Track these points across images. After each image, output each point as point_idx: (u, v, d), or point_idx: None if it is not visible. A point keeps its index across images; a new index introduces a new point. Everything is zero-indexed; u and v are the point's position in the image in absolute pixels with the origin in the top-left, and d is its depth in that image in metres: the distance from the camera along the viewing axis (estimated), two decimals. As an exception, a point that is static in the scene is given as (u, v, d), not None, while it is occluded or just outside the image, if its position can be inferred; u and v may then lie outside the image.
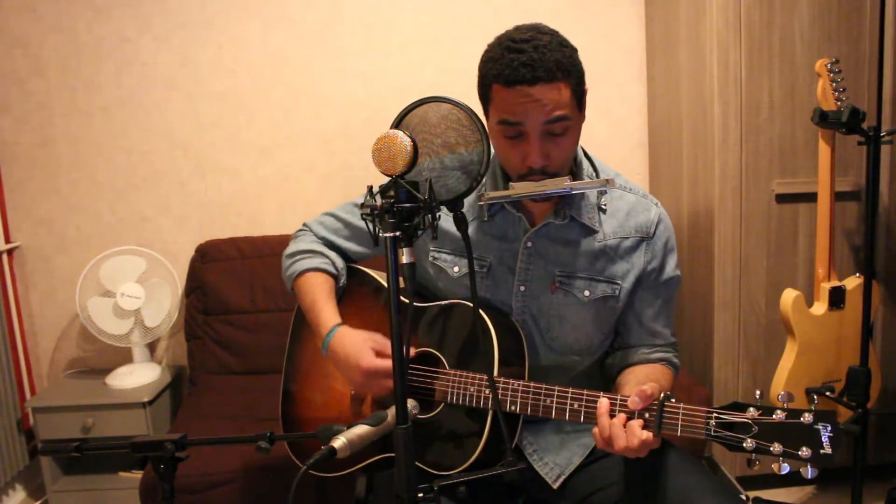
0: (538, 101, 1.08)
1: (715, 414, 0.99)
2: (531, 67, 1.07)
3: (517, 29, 1.13)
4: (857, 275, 1.92)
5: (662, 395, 1.03)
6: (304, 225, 1.46)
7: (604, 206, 1.26)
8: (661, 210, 1.30)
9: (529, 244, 1.25)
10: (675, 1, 2.24)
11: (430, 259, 1.31)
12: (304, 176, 2.51)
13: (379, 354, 1.20)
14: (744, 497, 2.06)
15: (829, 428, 0.93)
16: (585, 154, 1.29)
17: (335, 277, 1.37)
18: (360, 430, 0.98)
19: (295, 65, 2.45)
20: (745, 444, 0.96)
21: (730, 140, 2.05)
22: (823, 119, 1.74)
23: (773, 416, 0.95)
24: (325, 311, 1.29)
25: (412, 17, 2.46)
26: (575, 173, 1.24)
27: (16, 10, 2.33)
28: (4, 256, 2.35)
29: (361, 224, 1.37)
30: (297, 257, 1.39)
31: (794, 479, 2.22)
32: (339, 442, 0.94)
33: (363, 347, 1.20)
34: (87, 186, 2.44)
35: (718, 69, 2.02)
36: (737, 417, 0.98)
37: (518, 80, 1.07)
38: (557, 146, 1.14)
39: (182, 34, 2.39)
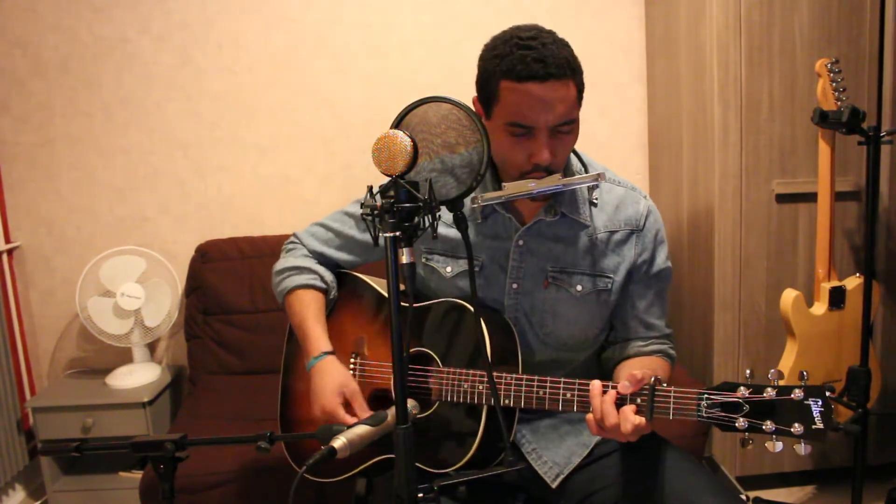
0: (550, 101, 1.09)
1: (706, 395, 0.99)
2: (543, 63, 1.08)
3: (519, 28, 1.14)
4: (857, 275, 1.92)
5: (653, 379, 1.03)
6: (295, 236, 1.46)
7: (594, 201, 1.27)
8: (650, 202, 1.30)
9: (521, 242, 1.25)
10: (675, 1, 2.24)
11: (423, 260, 1.32)
12: (304, 176, 2.51)
13: (345, 402, 1.21)
14: (744, 497, 2.06)
15: (820, 403, 0.93)
16: (574, 150, 1.30)
17: (325, 292, 1.38)
18: (361, 430, 0.98)
19: (295, 65, 2.45)
20: (737, 424, 0.96)
21: (730, 140, 2.05)
22: (823, 119, 1.74)
23: (764, 394, 0.96)
24: (314, 333, 1.31)
25: (412, 18, 2.46)
26: (565, 170, 1.25)
27: (16, 9, 2.33)
28: (4, 256, 2.35)
29: (352, 233, 1.38)
30: (286, 274, 1.40)
31: (794, 479, 2.23)
32: (339, 442, 0.94)
33: (334, 391, 1.21)
34: (87, 186, 2.44)
35: (718, 69, 2.02)
36: (728, 397, 0.98)
37: (531, 76, 1.08)
38: (562, 144, 1.15)
39: (182, 34, 2.39)
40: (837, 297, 1.88)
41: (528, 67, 1.08)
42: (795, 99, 2.04)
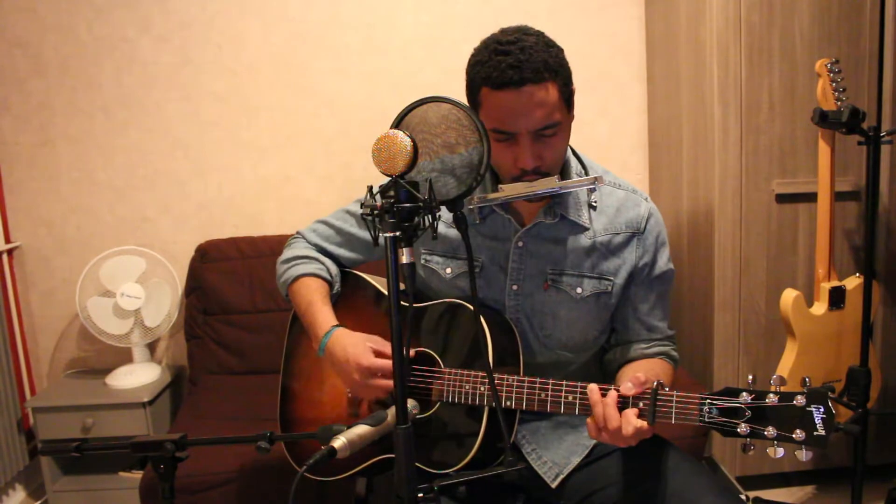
0: (527, 106, 1.09)
1: (708, 400, 0.99)
2: (518, 69, 1.07)
3: (503, 31, 1.14)
4: (857, 275, 1.92)
5: (656, 383, 1.03)
6: (298, 233, 1.46)
7: (594, 204, 1.27)
8: (651, 205, 1.30)
9: (521, 244, 1.25)
10: (675, 1, 2.24)
11: (423, 261, 1.32)
12: (304, 176, 2.51)
13: (378, 354, 1.20)
14: (744, 497, 2.06)
15: (822, 409, 0.93)
16: (574, 152, 1.30)
17: (329, 283, 1.38)
18: (360, 429, 0.98)
19: (295, 65, 2.45)
20: (738, 429, 0.97)
21: (730, 140, 2.05)
22: (823, 119, 1.74)
23: (766, 400, 0.96)
24: (322, 313, 1.29)
25: (412, 17, 2.46)
26: (563, 172, 1.25)
27: (16, 10, 2.33)
28: (4, 256, 2.35)
29: (354, 231, 1.38)
30: (292, 263, 1.39)
31: (794, 479, 2.23)
32: (339, 442, 0.94)
33: (363, 347, 1.20)
34: (87, 186, 2.44)
35: (718, 69, 2.02)
36: (730, 403, 0.98)
37: (506, 83, 1.08)
38: (548, 147, 1.14)
39: (182, 34, 2.40)
40: (837, 297, 1.88)
41: (503, 74, 1.07)
42: (795, 99, 2.04)
